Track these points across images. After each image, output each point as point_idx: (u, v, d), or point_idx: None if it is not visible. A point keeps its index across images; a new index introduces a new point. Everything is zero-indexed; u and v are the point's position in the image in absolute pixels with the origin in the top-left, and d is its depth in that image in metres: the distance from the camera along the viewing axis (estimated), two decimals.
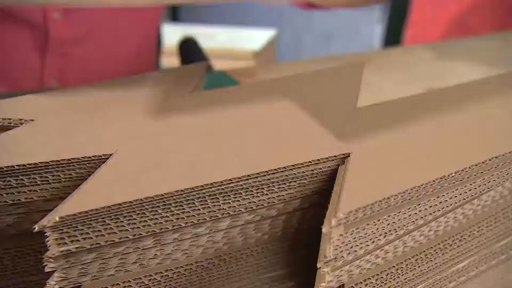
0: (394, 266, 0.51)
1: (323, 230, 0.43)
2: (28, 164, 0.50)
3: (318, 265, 0.45)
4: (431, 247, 0.54)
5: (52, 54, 1.12)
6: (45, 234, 0.42)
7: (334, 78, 0.72)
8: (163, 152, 0.54)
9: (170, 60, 1.33)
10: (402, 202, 0.47)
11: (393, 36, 2.52)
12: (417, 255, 0.53)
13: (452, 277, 0.57)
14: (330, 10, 2.57)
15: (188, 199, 0.47)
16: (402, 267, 0.52)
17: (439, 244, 0.54)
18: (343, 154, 0.52)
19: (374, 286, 0.50)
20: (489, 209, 0.57)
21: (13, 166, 0.52)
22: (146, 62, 1.23)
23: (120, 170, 0.50)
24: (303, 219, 0.55)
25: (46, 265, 0.43)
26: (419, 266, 0.53)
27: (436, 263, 0.55)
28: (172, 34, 1.68)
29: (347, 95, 0.68)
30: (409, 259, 0.52)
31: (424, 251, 0.53)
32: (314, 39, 2.58)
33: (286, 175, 0.51)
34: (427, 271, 0.54)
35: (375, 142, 0.56)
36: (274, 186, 0.51)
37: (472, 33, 2.36)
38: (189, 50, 1.30)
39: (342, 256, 0.46)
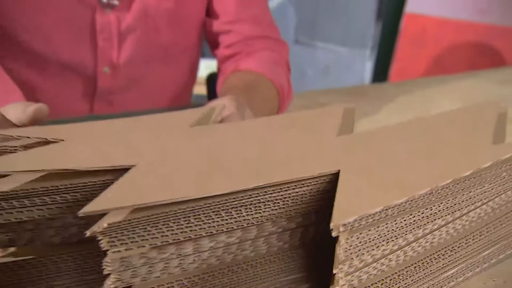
0: (396, 273, 0.51)
1: (333, 234, 0.44)
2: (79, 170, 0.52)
3: (334, 271, 0.45)
4: (427, 256, 0.54)
5: (99, 101, 1.13)
6: (98, 239, 0.42)
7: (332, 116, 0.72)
8: (185, 164, 0.54)
9: (200, 88, 1.33)
10: (397, 212, 0.48)
11: (381, 71, 2.53)
12: (415, 263, 0.53)
13: (443, 283, 0.57)
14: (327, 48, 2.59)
15: (212, 210, 0.48)
16: (403, 274, 0.52)
17: (433, 254, 0.55)
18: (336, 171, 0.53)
19: None
20: (475, 224, 0.57)
21: (75, 184, 0.52)
22: (183, 101, 1.23)
23: (153, 178, 0.51)
24: (316, 231, 0.55)
25: (104, 268, 0.43)
26: (416, 273, 0.53)
27: (430, 270, 0.55)
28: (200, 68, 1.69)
29: (347, 125, 0.68)
30: (409, 266, 0.52)
31: (421, 259, 0.54)
32: (315, 72, 2.59)
33: (297, 191, 0.52)
34: (423, 277, 0.54)
35: (369, 160, 0.56)
36: (288, 200, 0.52)
37: (448, 70, 2.37)
38: (215, 84, 1.31)
39: (352, 262, 0.46)
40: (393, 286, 0.52)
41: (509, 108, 1.08)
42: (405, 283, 0.53)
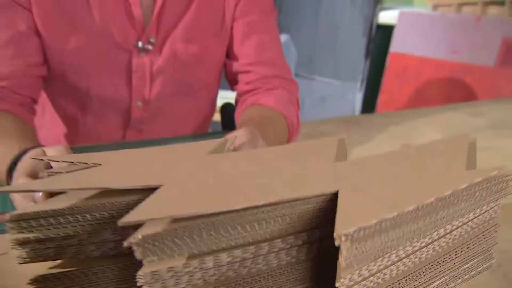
0: (390, 285, 0.51)
1: (336, 243, 0.44)
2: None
3: (337, 284, 0.45)
4: (416, 270, 0.54)
5: (131, 129, 1.13)
6: (133, 249, 0.42)
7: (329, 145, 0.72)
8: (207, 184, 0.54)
9: (215, 115, 1.34)
10: (389, 225, 0.48)
11: (370, 101, 2.53)
12: (406, 276, 0.53)
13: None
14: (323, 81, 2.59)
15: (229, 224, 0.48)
16: (396, 286, 0.52)
17: (422, 268, 0.54)
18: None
19: None
20: (457, 241, 0.57)
21: (111, 202, 0.52)
22: (203, 129, 1.24)
23: (178, 195, 0.51)
24: (319, 248, 0.55)
25: (137, 280, 0.43)
26: (407, 285, 0.53)
27: (419, 282, 0.55)
28: None
29: (342, 152, 0.68)
30: (401, 279, 0.52)
31: (411, 273, 0.53)
32: (313, 101, 2.59)
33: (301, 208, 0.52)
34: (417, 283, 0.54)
35: (363, 181, 0.56)
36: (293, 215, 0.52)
37: (427, 101, 2.38)
38: (228, 112, 1.31)
39: (352, 276, 0.46)
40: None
41: (479, 137, 1.09)
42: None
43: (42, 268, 0.55)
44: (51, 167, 0.65)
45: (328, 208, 0.53)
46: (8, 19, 0.96)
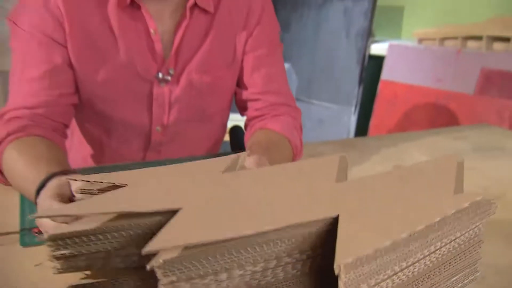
0: None
1: (336, 272, 0.44)
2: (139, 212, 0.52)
3: None
4: (410, 284, 0.53)
5: (150, 151, 1.13)
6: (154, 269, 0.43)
7: (331, 164, 0.72)
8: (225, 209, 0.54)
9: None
10: (384, 251, 0.48)
11: (363, 123, 2.53)
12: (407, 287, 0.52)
13: None
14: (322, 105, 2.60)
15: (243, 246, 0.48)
16: None
17: (415, 281, 0.54)
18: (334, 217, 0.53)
19: None
20: (446, 257, 0.57)
21: (136, 223, 0.52)
22: (215, 150, 1.25)
23: (195, 221, 0.51)
24: (322, 261, 0.54)
25: None
26: None
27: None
28: None
29: (343, 170, 0.68)
30: None
31: (405, 286, 0.53)
32: (311, 124, 2.59)
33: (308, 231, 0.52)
34: None
35: (360, 206, 0.56)
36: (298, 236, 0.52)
37: (414, 124, 2.38)
38: (237, 134, 1.31)
39: None
40: None
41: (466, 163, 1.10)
42: None
43: (74, 277, 0.55)
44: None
45: (330, 230, 0.52)
46: (46, 54, 0.96)
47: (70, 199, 0.67)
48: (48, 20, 0.96)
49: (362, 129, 2.61)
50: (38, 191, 0.72)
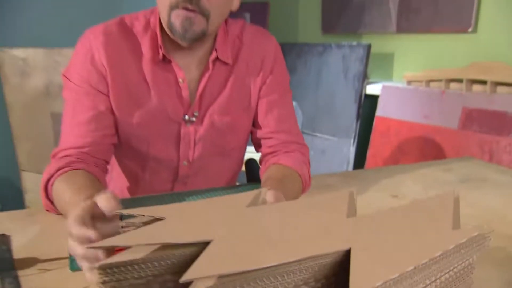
0: None
1: None
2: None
3: None
4: None
5: (178, 182, 1.13)
6: None
7: (341, 199, 0.71)
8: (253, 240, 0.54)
9: None
10: (392, 282, 0.47)
11: (361, 154, 2.53)
12: None
13: None
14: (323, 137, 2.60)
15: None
16: None
17: None
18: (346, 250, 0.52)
19: None
20: (444, 284, 0.56)
21: (172, 254, 0.52)
22: (233, 182, 1.24)
23: (225, 253, 0.51)
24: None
25: None
26: None
27: None
28: None
29: (352, 205, 0.67)
30: None
31: None
32: (315, 154, 2.58)
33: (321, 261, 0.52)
34: None
35: (370, 240, 0.55)
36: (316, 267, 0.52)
37: (406, 155, 2.37)
38: (251, 166, 1.31)
39: None
40: None
41: (450, 189, 1.09)
42: None
43: None
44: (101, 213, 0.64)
45: (342, 261, 0.52)
46: (92, 102, 0.99)
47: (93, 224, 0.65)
48: (94, 74, 0.99)
49: (360, 159, 2.59)
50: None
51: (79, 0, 1.98)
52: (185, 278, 0.45)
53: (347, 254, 0.52)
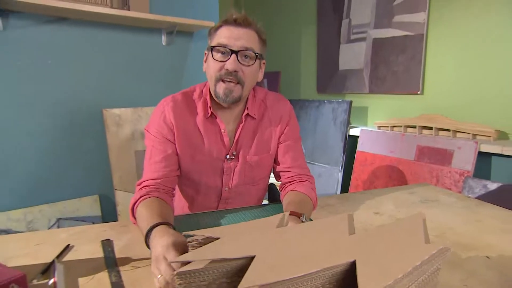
0: None
1: None
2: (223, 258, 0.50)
3: None
4: None
5: (221, 202, 1.11)
6: None
7: (343, 220, 0.69)
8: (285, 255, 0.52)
9: None
10: (389, 286, 0.44)
11: (346, 179, 2.50)
12: None
13: None
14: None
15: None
16: None
17: None
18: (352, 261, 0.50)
19: None
20: (421, 285, 0.53)
21: (225, 265, 0.50)
22: (260, 202, 1.20)
23: (266, 266, 0.49)
24: None
25: None
26: None
27: None
28: None
29: (351, 225, 0.65)
30: None
31: None
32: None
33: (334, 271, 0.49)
34: None
35: (368, 254, 0.53)
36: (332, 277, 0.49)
37: (378, 179, 2.32)
38: (272, 190, 1.30)
39: None
40: None
41: (415, 208, 1.05)
42: None
43: None
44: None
45: (349, 269, 0.50)
46: (163, 147, 0.99)
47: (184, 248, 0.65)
48: (165, 128, 0.99)
49: (346, 181, 2.55)
50: (146, 234, 0.73)
51: (154, 77, 2.01)
52: (240, 287, 0.43)
53: (352, 264, 0.50)
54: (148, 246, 0.72)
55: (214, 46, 0.93)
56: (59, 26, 1.72)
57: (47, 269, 0.70)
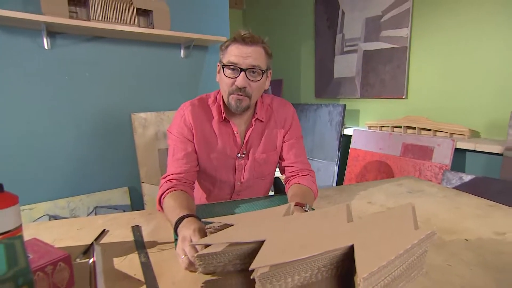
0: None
1: (357, 282, 0.40)
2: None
3: None
4: (392, 281, 0.48)
5: (234, 194, 1.10)
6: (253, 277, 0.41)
7: (342, 209, 0.68)
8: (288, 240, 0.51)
9: None
10: (383, 267, 0.44)
11: (341, 172, 2.48)
12: (392, 281, 0.47)
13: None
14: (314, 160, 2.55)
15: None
16: (389, 285, 0.47)
17: (394, 279, 0.49)
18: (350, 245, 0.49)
19: None
20: (411, 265, 0.52)
21: (239, 248, 0.50)
22: (266, 193, 1.19)
23: (275, 248, 0.48)
24: (342, 270, 0.50)
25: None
26: (394, 283, 0.48)
27: (397, 282, 0.49)
28: None
29: (349, 213, 0.64)
30: (390, 282, 0.47)
31: (395, 279, 0.48)
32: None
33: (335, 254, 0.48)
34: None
35: (365, 238, 0.52)
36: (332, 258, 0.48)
37: (369, 172, 2.30)
38: (277, 182, 1.28)
39: None
40: None
41: (402, 198, 1.05)
42: None
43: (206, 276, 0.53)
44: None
45: (348, 253, 0.49)
46: (184, 146, 0.98)
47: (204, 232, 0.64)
48: (185, 129, 0.99)
49: (340, 175, 2.53)
50: (176, 224, 0.72)
51: (173, 85, 2.01)
52: (252, 267, 0.43)
53: (351, 247, 0.49)
54: (176, 232, 0.72)
55: (225, 65, 0.93)
56: (95, 44, 1.74)
57: (87, 250, 0.70)
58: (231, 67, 0.92)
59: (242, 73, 0.91)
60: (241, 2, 4.06)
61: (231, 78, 0.92)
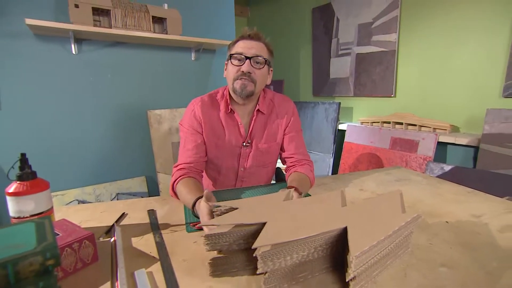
0: (373, 265, 0.46)
1: (349, 260, 0.40)
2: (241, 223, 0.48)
3: (347, 279, 0.40)
4: (381, 258, 0.48)
5: (238, 181, 1.08)
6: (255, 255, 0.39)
7: (337, 195, 0.67)
8: (289, 222, 0.50)
9: None
10: (374, 246, 0.43)
11: (336, 163, 2.47)
12: (381, 259, 0.47)
13: (385, 265, 0.50)
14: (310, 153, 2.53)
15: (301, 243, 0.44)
16: (378, 263, 0.46)
17: (383, 257, 0.48)
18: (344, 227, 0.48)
19: (367, 274, 0.44)
20: (398, 245, 0.51)
21: (243, 229, 0.49)
22: (269, 181, 1.16)
23: (275, 230, 0.47)
24: (337, 249, 0.50)
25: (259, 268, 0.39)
26: (383, 260, 0.47)
27: (385, 259, 0.48)
28: None
29: (343, 199, 0.63)
30: (378, 260, 0.46)
31: (380, 260, 0.47)
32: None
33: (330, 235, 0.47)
34: (380, 265, 0.48)
35: (358, 221, 0.51)
36: (327, 239, 0.47)
37: (361, 163, 2.28)
38: (278, 172, 1.27)
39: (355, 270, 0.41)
40: (370, 269, 0.46)
41: (391, 185, 1.03)
42: (375, 268, 0.47)
43: (212, 254, 0.52)
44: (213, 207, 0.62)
45: (342, 234, 0.48)
46: (194, 138, 0.97)
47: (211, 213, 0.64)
48: (195, 122, 0.97)
49: (335, 165, 2.51)
50: (193, 205, 0.72)
51: (185, 85, 2.01)
52: (254, 246, 0.42)
53: (344, 229, 0.48)
54: (193, 209, 0.73)
55: (232, 54, 0.93)
56: (116, 48, 1.76)
57: (109, 230, 0.70)
58: (237, 57, 0.92)
59: (247, 60, 0.91)
60: (246, 11, 4.03)
61: (237, 66, 0.93)
